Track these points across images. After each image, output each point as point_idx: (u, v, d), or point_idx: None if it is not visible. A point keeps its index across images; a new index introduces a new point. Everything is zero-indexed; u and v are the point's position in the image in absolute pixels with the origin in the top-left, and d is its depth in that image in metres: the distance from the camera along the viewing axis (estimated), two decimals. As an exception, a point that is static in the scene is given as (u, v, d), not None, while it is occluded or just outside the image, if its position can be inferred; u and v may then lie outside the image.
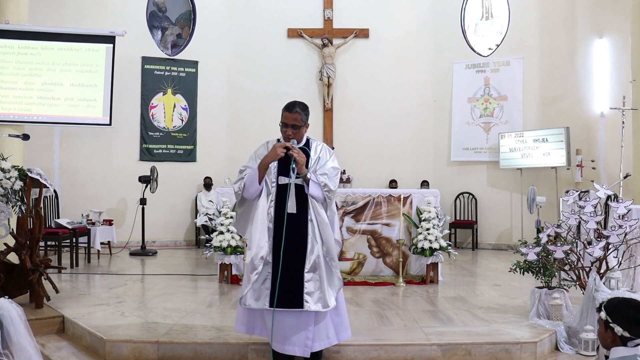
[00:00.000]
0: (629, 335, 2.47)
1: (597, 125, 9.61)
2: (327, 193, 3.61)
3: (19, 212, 5.08)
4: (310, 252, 3.58)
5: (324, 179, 3.61)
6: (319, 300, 3.56)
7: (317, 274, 3.59)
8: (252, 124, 11.02)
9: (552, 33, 10.08)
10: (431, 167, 11.13)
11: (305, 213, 3.62)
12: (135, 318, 4.76)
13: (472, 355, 4.07)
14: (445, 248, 6.46)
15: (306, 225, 3.62)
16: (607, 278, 4.65)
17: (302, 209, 3.62)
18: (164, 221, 10.41)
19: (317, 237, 3.62)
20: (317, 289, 3.57)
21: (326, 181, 3.61)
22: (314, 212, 3.63)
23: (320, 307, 3.56)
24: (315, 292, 3.56)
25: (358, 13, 11.25)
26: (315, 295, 3.56)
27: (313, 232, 3.62)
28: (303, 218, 3.62)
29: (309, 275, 3.57)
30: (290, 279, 3.53)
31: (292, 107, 3.65)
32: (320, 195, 3.62)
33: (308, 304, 3.53)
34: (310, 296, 3.54)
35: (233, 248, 6.43)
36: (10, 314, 2.47)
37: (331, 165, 3.68)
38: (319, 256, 3.60)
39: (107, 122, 9.22)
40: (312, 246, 3.59)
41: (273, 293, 3.52)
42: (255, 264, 3.56)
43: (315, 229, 3.63)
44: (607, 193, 5.09)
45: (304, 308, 3.52)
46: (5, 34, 8.49)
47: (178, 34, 10.44)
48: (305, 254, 3.58)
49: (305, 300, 3.52)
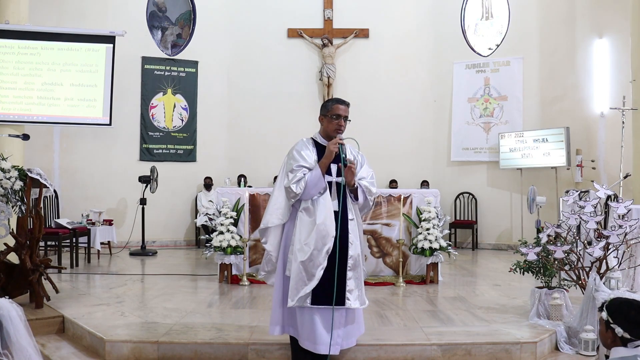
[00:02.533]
0: (629, 336, 2.47)
1: (597, 125, 9.61)
2: (369, 197, 3.74)
3: (19, 212, 5.08)
4: (352, 250, 3.64)
5: (366, 183, 3.72)
6: (357, 298, 3.63)
7: (357, 272, 3.66)
8: (252, 124, 11.04)
9: (552, 33, 10.08)
10: (431, 167, 11.13)
11: (346, 211, 3.67)
12: (135, 318, 4.76)
13: (472, 355, 4.06)
14: (445, 248, 6.45)
15: (347, 224, 3.66)
16: (607, 278, 4.65)
17: (343, 207, 3.66)
18: (164, 221, 10.42)
19: (357, 236, 3.70)
20: (356, 287, 3.63)
21: (371, 188, 3.73)
22: (354, 212, 3.72)
23: (358, 304, 3.65)
24: (354, 289, 3.62)
25: (358, 13, 11.26)
26: (355, 292, 3.62)
27: (354, 231, 3.69)
28: (345, 216, 3.66)
29: (350, 273, 3.62)
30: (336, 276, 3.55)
31: (343, 101, 3.77)
32: (361, 200, 3.73)
33: (349, 301, 3.59)
34: (350, 294, 3.60)
35: (233, 248, 6.43)
36: (10, 314, 2.47)
37: (369, 170, 3.81)
38: (358, 254, 3.68)
39: (107, 122, 9.23)
40: (353, 245, 3.65)
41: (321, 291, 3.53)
42: (320, 259, 3.53)
43: (355, 227, 3.71)
44: (607, 193, 5.08)
45: (345, 305, 3.57)
46: (5, 34, 8.49)
47: (178, 34, 10.44)
48: (347, 252, 3.62)
49: (347, 297, 3.58)
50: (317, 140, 3.78)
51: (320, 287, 3.53)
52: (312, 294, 3.53)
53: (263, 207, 6.65)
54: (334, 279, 3.53)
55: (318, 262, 3.53)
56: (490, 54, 10.30)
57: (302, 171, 3.60)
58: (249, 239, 6.55)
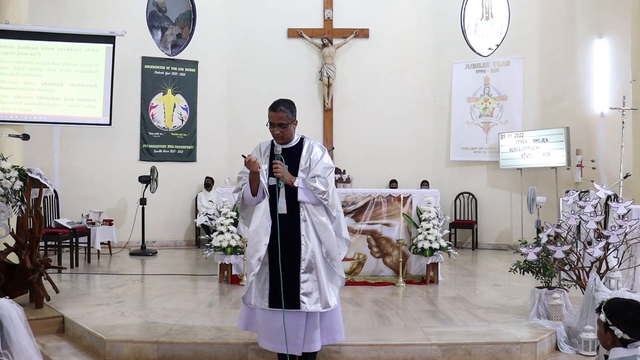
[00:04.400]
0: (629, 337, 2.46)
1: (597, 125, 9.61)
2: (320, 196, 3.55)
3: (19, 212, 5.08)
4: (304, 252, 3.54)
5: (312, 182, 3.55)
6: (317, 301, 3.53)
7: (314, 274, 3.54)
8: (252, 124, 11.00)
9: (552, 33, 10.08)
10: (431, 167, 11.13)
11: (297, 213, 3.58)
12: (135, 318, 4.76)
13: (472, 355, 4.07)
14: (445, 248, 6.45)
15: (299, 225, 3.57)
16: (607, 278, 4.65)
17: (294, 209, 3.58)
18: (164, 221, 10.41)
19: (310, 237, 3.56)
20: (314, 289, 3.53)
21: (315, 184, 3.54)
22: (307, 212, 3.58)
23: (320, 307, 3.53)
24: (313, 292, 3.53)
25: (358, 13, 11.25)
26: (314, 295, 3.53)
27: (307, 232, 3.56)
28: (295, 218, 3.57)
29: (305, 275, 3.53)
30: (287, 279, 3.48)
31: (276, 106, 3.57)
32: (313, 200, 3.58)
33: (305, 304, 3.50)
34: (307, 297, 3.51)
35: (233, 248, 6.43)
36: (10, 314, 2.47)
37: (323, 166, 3.60)
38: (314, 257, 3.55)
39: (107, 122, 9.23)
40: (306, 247, 3.55)
41: (272, 293, 3.52)
42: (252, 265, 3.55)
43: (309, 229, 3.57)
44: (607, 193, 5.08)
45: (300, 309, 3.50)
46: (5, 34, 8.49)
47: (178, 34, 10.44)
48: (299, 255, 3.55)
49: (302, 300, 3.50)
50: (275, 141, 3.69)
51: (275, 291, 3.50)
52: (269, 297, 3.52)
53: (263, 207, 6.66)
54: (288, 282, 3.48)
55: (250, 267, 3.56)
56: (490, 54, 10.30)
57: (242, 180, 3.62)
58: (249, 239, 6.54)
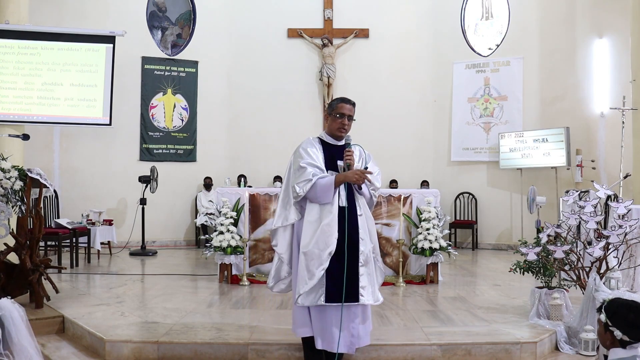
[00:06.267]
0: (628, 339, 2.46)
1: (597, 125, 9.61)
2: (373, 192, 3.74)
3: (19, 212, 5.08)
4: (363, 245, 3.60)
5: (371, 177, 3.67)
6: (371, 295, 3.59)
7: (369, 268, 3.62)
8: (252, 124, 11.04)
9: (552, 33, 10.08)
10: (431, 167, 11.14)
11: (355, 207, 3.64)
12: (135, 318, 4.76)
13: (472, 355, 4.06)
14: (445, 248, 6.45)
15: (357, 219, 3.63)
16: (607, 278, 4.65)
17: (351, 203, 3.63)
18: (164, 221, 10.42)
19: (367, 231, 3.66)
20: (369, 283, 3.60)
21: (373, 181, 3.69)
22: (362, 206, 3.69)
23: (372, 300, 3.59)
24: (367, 285, 3.58)
25: (358, 13, 11.26)
26: (368, 289, 3.58)
27: (364, 226, 3.65)
28: (354, 212, 3.63)
29: (363, 269, 3.58)
30: (347, 273, 3.51)
31: (348, 100, 3.72)
32: (367, 195, 3.72)
33: (363, 297, 3.54)
34: (364, 290, 3.56)
35: (233, 248, 6.43)
36: (12, 315, 2.47)
37: (375, 165, 3.79)
38: (370, 250, 3.65)
39: (107, 122, 9.24)
40: (364, 240, 3.62)
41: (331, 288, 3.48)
42: (322, 260, 3.48)
43: (365, 223, 3.67)
44: (607, 193, 5.08)
45: (359, 302, 3.53)
46: (5, 34, 8.50)
47: (178, 34, 10.44)
48: (358, 248, 3.59)
49: (360, 294, 3.53)
50: (323, 138, 3.76)
51: (334, 285, 3.49)
52: (326, 292, 3.49)
53: (263, 207, 6.67)
54: (344, 276, 3.48)
55: (320, 262, 3.49)
56: (490, 54, 10.30)
57: (308, 171, 3.53)
58: (248, 239, 6.55)
